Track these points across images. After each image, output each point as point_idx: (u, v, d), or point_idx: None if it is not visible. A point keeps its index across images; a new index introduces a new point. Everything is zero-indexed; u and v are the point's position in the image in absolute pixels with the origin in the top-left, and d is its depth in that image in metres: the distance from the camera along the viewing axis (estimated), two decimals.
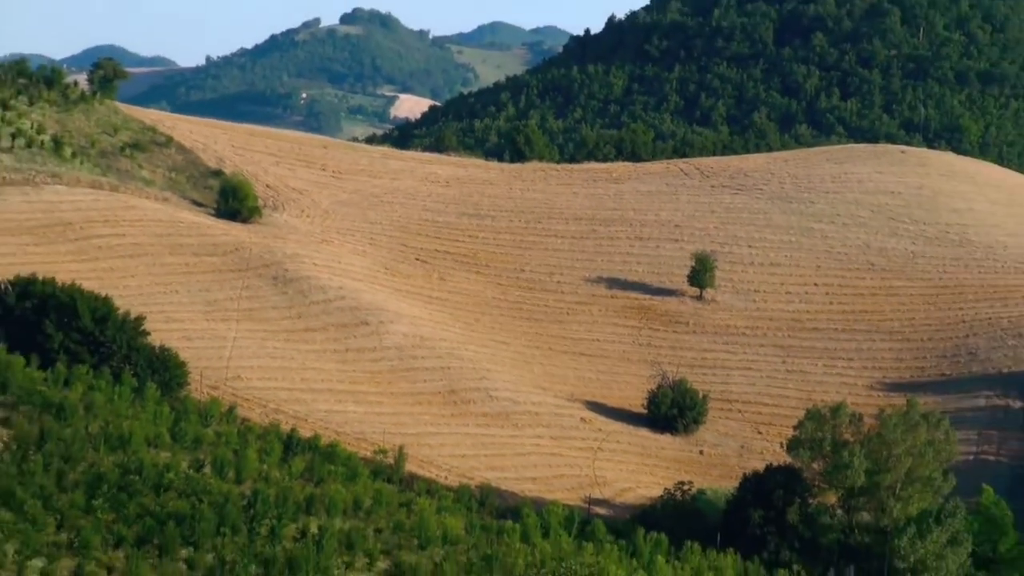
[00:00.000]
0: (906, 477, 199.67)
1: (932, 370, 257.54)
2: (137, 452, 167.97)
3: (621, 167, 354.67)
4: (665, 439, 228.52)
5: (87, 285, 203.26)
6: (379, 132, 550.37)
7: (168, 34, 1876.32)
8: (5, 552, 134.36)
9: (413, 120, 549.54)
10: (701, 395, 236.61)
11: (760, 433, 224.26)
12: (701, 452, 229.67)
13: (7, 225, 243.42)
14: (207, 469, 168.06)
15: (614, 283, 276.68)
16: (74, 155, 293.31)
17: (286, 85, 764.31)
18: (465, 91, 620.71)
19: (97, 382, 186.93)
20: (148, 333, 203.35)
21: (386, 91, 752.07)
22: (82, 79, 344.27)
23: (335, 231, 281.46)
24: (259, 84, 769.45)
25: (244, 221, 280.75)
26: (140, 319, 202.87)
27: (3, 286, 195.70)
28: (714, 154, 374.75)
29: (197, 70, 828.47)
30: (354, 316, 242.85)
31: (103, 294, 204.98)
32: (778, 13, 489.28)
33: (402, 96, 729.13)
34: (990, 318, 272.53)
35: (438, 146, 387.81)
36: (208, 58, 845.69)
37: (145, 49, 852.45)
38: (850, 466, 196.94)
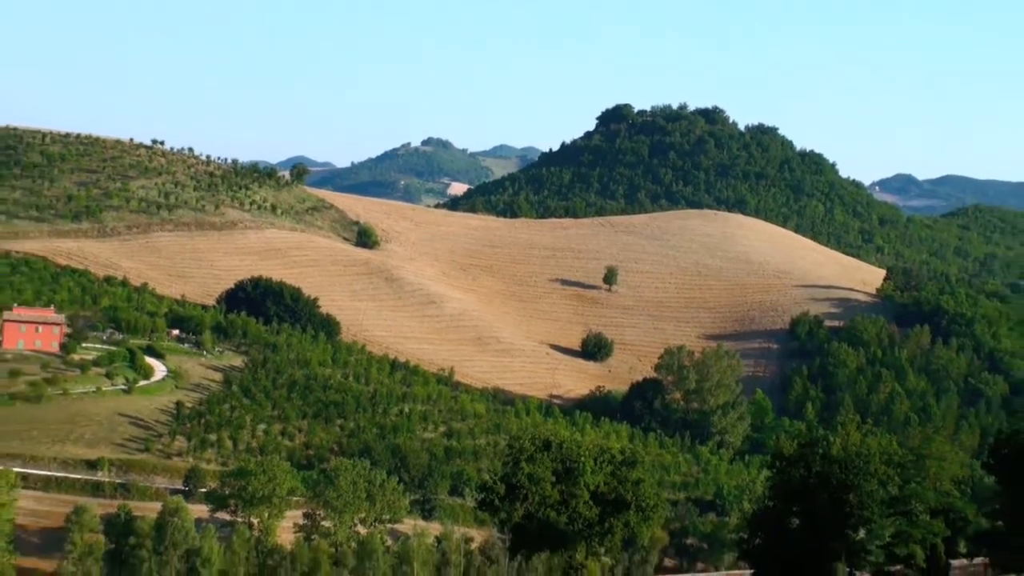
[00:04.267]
0: (716, 384, 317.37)
1: (730, 328, 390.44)
2: (314, 368, 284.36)
3: (568, 221, 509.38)
4: (590, 364, 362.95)
5: (288, 282, 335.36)
6: (440, 202, 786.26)
7: (333, 147, 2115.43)
8: (245, 420, 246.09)
9: (458, 196, 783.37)
10: (609, 340, 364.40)
11: (640, 361, 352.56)
12: (609, 370, 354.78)
13: (248, 250, 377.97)
14: (350, 377, 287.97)
15: (564, 282, 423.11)
16: (282, 213, 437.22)
17: (393, 177, 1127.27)
18: (486, 181, 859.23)
19: (293, 332, 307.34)
20: (320, 307, 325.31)
21: (444, 181, 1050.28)
22: (286, 173, 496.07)
23: (417, 253, 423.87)
24: (378, 176, 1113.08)
25: (370, 248, 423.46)
26: (316, 299, 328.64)
27: (246, 282, 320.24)
28: (617, 214, 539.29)
29: (347, 168, 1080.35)
30: (426, 298, 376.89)
31: (296, 286, 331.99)
32: (650, 139, 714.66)
33: (452, 183, 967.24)
34: (760, 301, 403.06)
35: (472, 208, 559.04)
36: (352, 162, 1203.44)
37: (320, 156, 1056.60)
38: (687, 378, 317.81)
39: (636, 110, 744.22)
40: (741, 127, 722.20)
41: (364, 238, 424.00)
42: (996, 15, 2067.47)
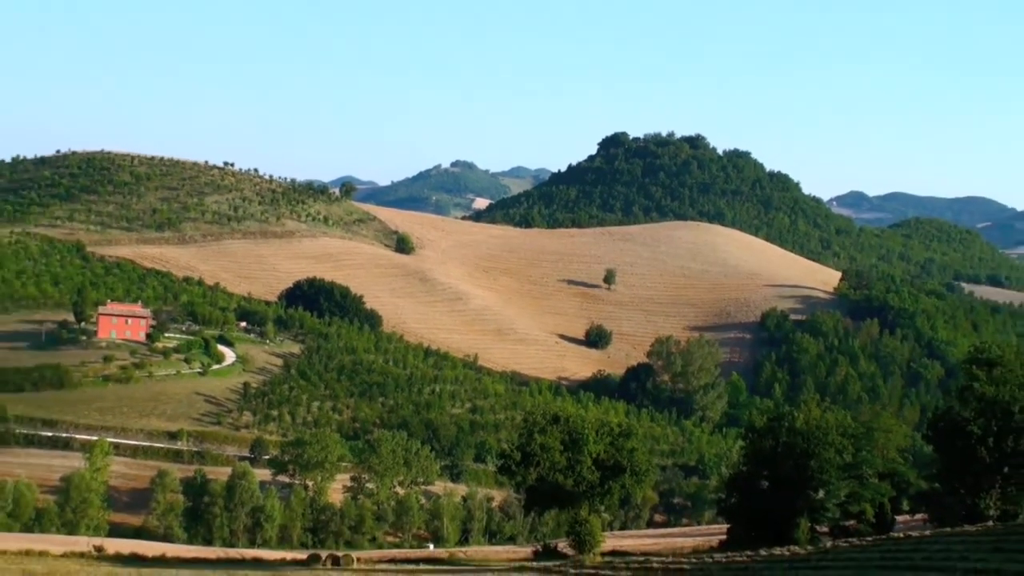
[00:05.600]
0: (699, 368, 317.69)
1: (710, 321, 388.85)
2: (359, 355, 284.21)
3: (574, 230, 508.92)
4: (593, 351, 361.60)
5: (338, 282, 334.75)
6: (466, 214, 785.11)
7: (376, 168, 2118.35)
8: (302, 398, 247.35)
9: (481, 210, 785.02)
10: (609, 331, 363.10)
11: (634, 348, 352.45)
12: (608, 357, 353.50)
13: (304, 255, 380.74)
14: (390, 362, 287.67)
15: (571, 282, 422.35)
16: (332, 224, 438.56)
17: (426, 193, 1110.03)
18: (505, 196, 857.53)
19: (342, 324, 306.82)
20: (364, 303, 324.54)
21: (469, 197, 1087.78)
22: (336, 190, 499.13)
23: (447, 257, 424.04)
24: (414, 193, 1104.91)
25: (407, 253, 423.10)
26: (361, 297, 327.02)
27: (303, 282, 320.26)
28: (615, 225, 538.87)
29: (387, 186, 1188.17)
30: (454, 296, 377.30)
31: (345, 285, 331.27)
32: (643, 162, 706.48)
33: (476, 199, 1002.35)
34: (735, 298, 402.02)
35: (493, 220, 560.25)
36: (391, 181, 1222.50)
37: (365, 176, 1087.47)
38: (674, 363, 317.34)
39: (631, 137, 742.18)
40: (720, 151, 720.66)
41: (402, 245, 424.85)
42: (930, 60, 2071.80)
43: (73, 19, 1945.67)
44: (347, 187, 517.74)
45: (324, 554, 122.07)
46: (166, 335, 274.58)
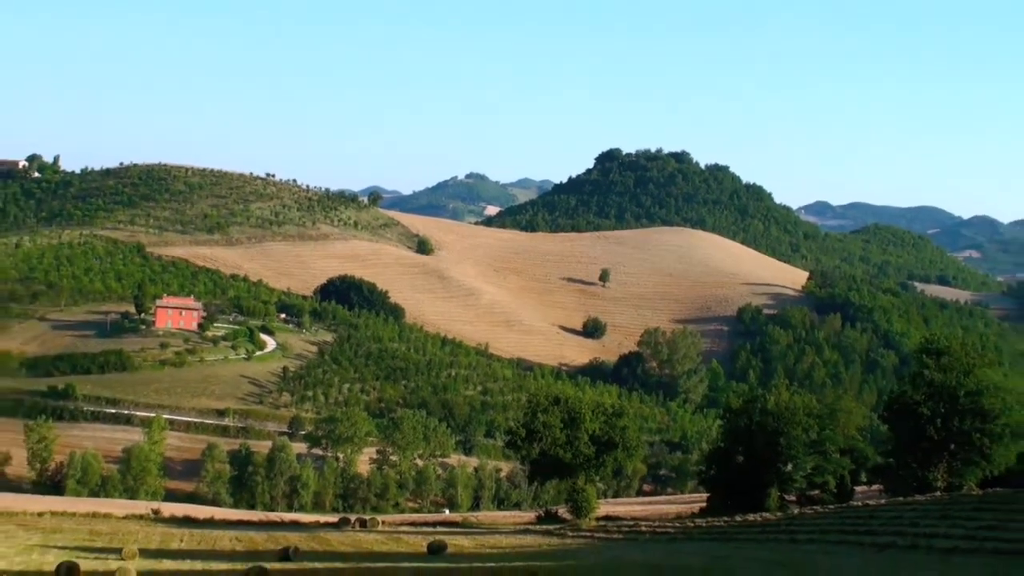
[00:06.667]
0: (682, 356, 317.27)
1: (693, 315, 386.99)
2: (385, 343, 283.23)
3: (573, 235, 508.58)
4: (589, 341, 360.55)
5: (366, 279, 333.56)
6: (478, 220, 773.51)
7: (399, 179, 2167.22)
8: (334, 380, 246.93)
9: (492, 216, 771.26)
10: (604, 323, 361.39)
11: (626, 339, 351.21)
12: (603, 346, 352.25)
13: (336, 255, 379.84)
14: (411, 349, 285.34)
15: (570, 279, 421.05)
16: (361, 228, 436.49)
17: (443, 201, 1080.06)
18: (513, 204, 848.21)
19: (370, 316, 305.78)
20: (389, 297, 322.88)
21: (481, 204, 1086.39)
22: (364, 199, 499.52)
23: (462, 258, 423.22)
24: (433, 201, 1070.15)
25: (427, 254, 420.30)
26: (386, 292, 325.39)
27: (335, 279, 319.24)
28: (610, 230, 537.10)
29: (409, 195, 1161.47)
30: (468, 291, 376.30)
31: (372, 282, 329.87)
32: (635, 175, 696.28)
33: (487, 206, 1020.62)
34: (715, 295, 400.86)
35: (502, 225, 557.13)
36: (413, 190, 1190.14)
37: (389, 185, 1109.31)
38: (661, 352, 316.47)
39: (624, 152, 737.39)
40: (702, 165, 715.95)
41: (422, 247, 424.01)
42: (887, 85, 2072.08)
43: (135, 48, 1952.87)
44: (374, 196, 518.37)
45: (353, 517, 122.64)
46: (215, 325, 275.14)
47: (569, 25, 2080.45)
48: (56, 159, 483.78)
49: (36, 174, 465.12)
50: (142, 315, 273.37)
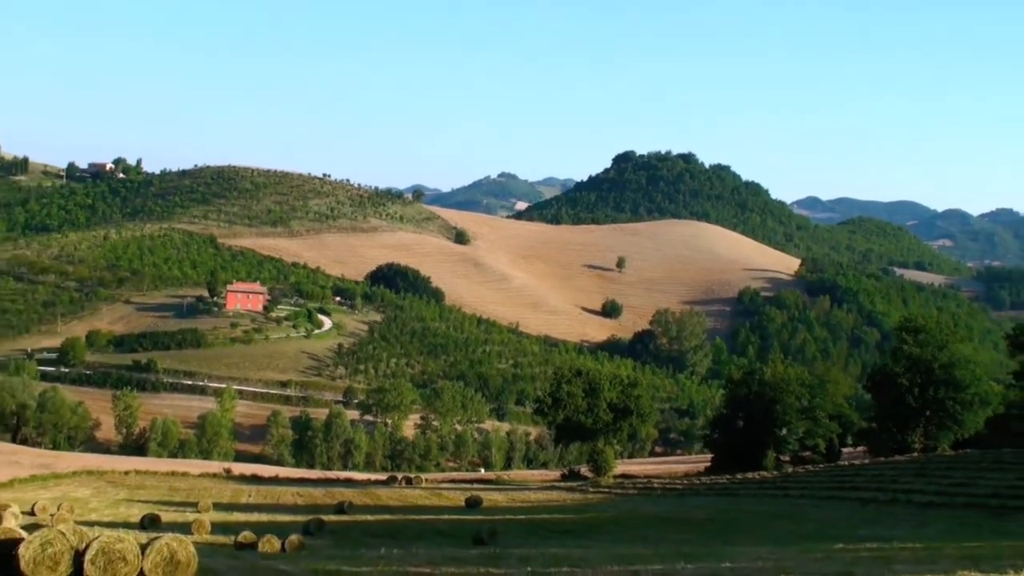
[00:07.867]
0: (690, 333, 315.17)
1: (699, 297, 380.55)
2: (427, 322, 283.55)
3: (593, 227, 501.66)
4: (608, 320, 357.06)
5: (411, 266, 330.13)
6: (510, 214, 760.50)
7: (440, 177, 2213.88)
8: (383, 355, 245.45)
9: (521, 211, 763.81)
10: (620, 305, 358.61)
11: (640, 318, 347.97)
12: (620, 324, 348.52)
13: (385, 245, 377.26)
14: (451, 328, 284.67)
15: (591, 266, 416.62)
16: (406, 222, 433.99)
17: (478, 198, 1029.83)
18: (540, 200, 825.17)
19: (414, 299, 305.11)
20: (431, 282, 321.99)
21: (512, 200, 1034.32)
22: (409, 195, 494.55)
23: (495, 247, 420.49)
24: (469, 198, 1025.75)
25: (464, 244, 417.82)
26: (428, 277, 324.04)
27: (384, 266, 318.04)
28: (625, 223, 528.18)
29: (448, 192, 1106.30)
30: (501, 276, 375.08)
31: (416, 269, 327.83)
32: (647, 173, 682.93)
33: (518, 202, 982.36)
34: (719, 279, 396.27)
35: (531, 219, 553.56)
36: (452, 188, 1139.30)
37: (431, 183, 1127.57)
38: (671, 330, 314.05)
39: (638, 154, 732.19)
40: (707, 165, 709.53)
41: (460, 238, 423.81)
42: (871, 89, 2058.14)
43: (209, 63, 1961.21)
44: (417, 193, 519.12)
45: (400, 475, 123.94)
46: (278, 307, 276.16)
47: (585, 47, 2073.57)
48: (139, 162, 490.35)
49: (121, 175, 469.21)
50: (214, 298, 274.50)
